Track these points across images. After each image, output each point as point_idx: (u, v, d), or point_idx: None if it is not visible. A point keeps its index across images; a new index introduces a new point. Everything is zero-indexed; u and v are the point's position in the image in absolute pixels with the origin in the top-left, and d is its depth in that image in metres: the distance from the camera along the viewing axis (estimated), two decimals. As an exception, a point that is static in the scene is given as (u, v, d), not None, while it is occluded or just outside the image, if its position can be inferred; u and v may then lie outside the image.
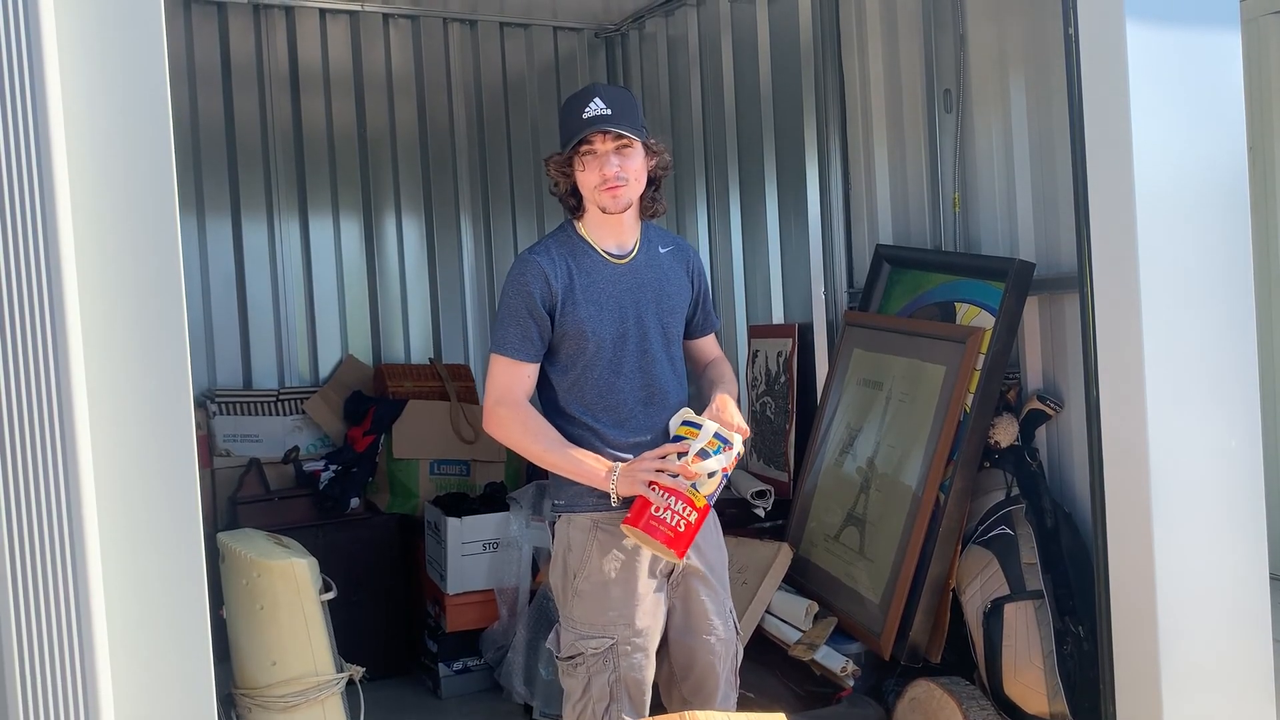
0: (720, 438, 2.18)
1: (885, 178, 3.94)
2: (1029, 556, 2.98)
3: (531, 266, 2.29)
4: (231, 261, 4.81)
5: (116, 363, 1.79)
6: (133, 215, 1.82)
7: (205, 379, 4.66)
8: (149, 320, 1.83)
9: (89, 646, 1.71)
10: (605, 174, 2.24)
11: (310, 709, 2.55)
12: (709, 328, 2.55)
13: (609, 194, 2.26)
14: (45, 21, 1.70)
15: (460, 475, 4.47)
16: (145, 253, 1.83)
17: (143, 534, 1.80)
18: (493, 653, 3.92)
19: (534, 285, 2.26)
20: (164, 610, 1.81)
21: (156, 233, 1.84)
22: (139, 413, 1.81)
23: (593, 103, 2.23)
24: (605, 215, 2.31)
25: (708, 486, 2.18)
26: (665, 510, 2.15)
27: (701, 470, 2.16)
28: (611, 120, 2.22)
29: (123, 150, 1.81)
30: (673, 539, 2.16)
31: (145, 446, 1.81)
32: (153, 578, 1.81)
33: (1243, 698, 2.74)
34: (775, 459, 4.18)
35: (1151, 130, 2.63)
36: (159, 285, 1.84)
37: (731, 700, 2.42)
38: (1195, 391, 2.70)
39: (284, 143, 4.90)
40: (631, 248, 2.37)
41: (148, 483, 1.81)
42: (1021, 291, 3.15)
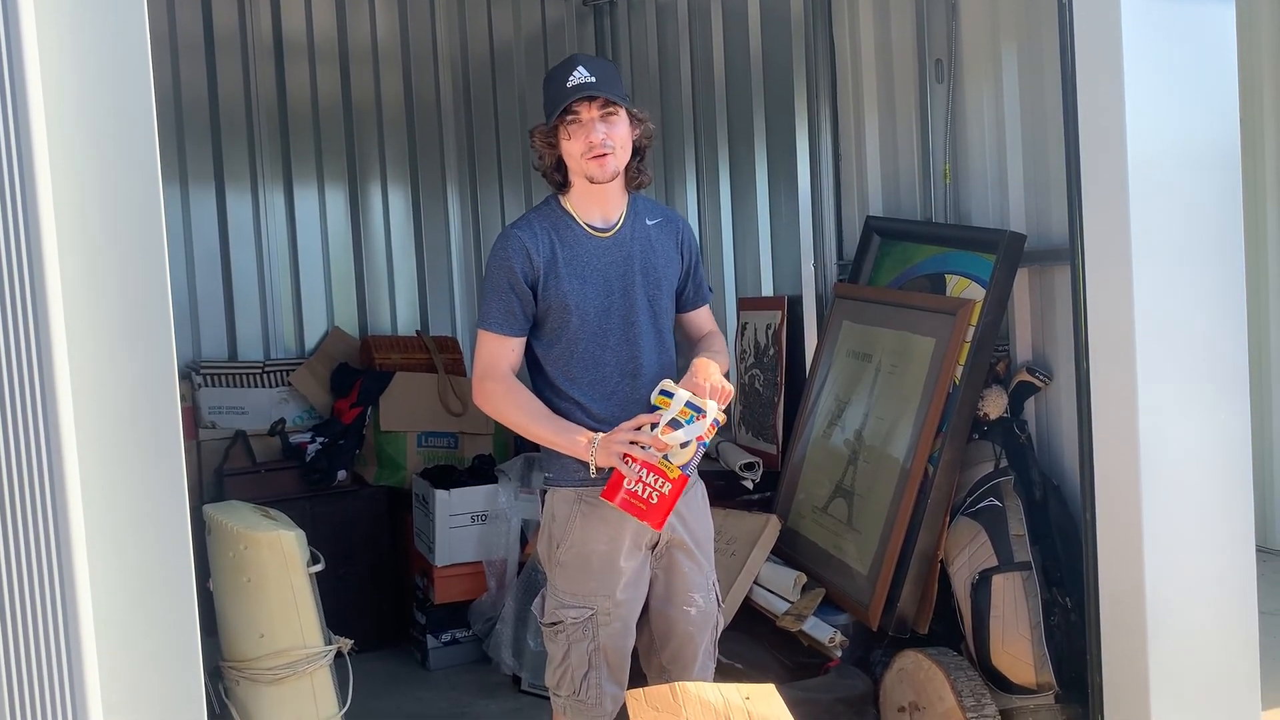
0: (693, 407, 2.16)
1: (876, 149, 3.92)
2: (1017, 528, 2.99)
3: (513, 241, 2.28)
4: (216, 233, 4.76)
5: (99, 334, 1.77)
6: (115, 186, 1.79)
7: (190, 350, 4.63)
8: (132, 291, 1.80)
9: (74, 620, 1.70)
10: (591, 141, 2.23)
11: (298, 681, 2.55)
12: (701, 300, 2.53)
13: (596, 162, 2.24)
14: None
15: (448, 448, 4.46)
16: (128, 224, 1.81)
17: (128, 507, 1.79)
18: (481, 624, 3.93)
19: (515, 259, 2.26)
20: (150, 583, 1.80)
21: (139, 203, 1.81)
22: (123, 384, 1.79)
23: (576, 71, 2.22)
24: (591, 187, 2.29)
25: (680, 457, 2.16)
26: (637, 483, 2.16)
27: (671, 441, 2.14)
28: (596, 87, 2.21)
29: (104, 120, 1.78)
30: (645, 511, 2.17)
31: (129, 418, 1.79)
32: (138, 551, 1.80)
33: (1229, 669, 2.76)
34: (764, 431, 4.18)
35: (1145, 102, 2.61)
36: (142, 256, 1.82)
37: (709, 671, 2.44)
38: (1185, 364, 2.70)
39: (268, 113, 4.84)
40: (617, 220, 2.35)
41: (132, 455, 1.79)
42: (1012, 263, 3.14)
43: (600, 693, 2.29)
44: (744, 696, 2.03)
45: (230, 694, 2.61)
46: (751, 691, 2.04)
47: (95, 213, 1.77)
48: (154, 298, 1.81)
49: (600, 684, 2.29)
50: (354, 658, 2.75)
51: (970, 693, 2.84)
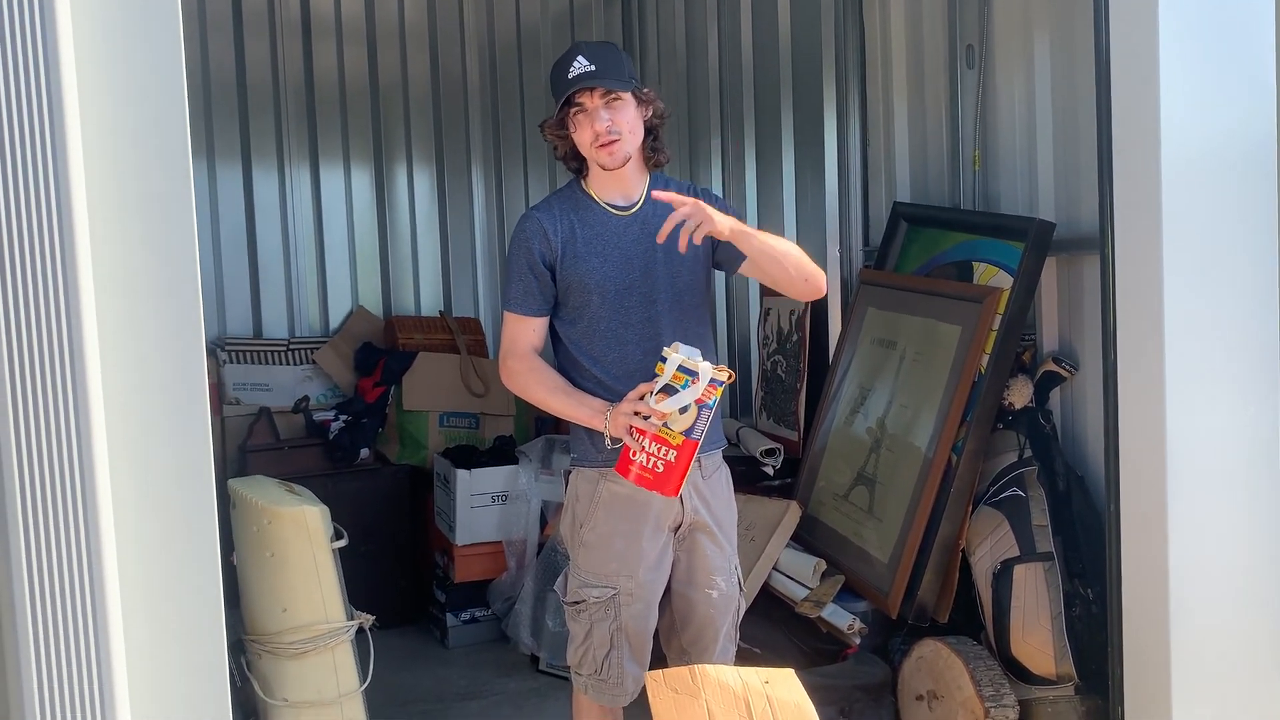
0: (686, 371, 2.13)
1: (904, 135, 3.89)
2: (1040, 519, 2.97)
3: (531, 223, 2.31)
4: (242, 210, 4.79)
5: (128, 308, 1.78)
6: (145, 160, 1.79)
7: (216, 327, 4.66)
8: (161, 267, 1.81)
9: (100, 592, 1.71)
10: (597, 129, 2.24)
11: (320, 656, 2.56)
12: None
13: (604, 151, 2.25)
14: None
15: (469, 428, 4.48)
16: (157, 198, 1.81)
17: (154, 480, 1.80)
18: (500, 604, 3.95)
19: (533, 241, 2.29)
20: (175, 557, 1.82)
21: (169, 179, 1.82)
22: (151, 359, 1.80)
23: (576, 61, 2.23)
24: (607, 171, 2.30)
25: (681, 423, 2.13)
26: (640, 453, 2.15)
27: (667, 409, 2.12)
28: (595, 76, 2.21)
29: (135, 95, 1.78)
30: (654, 481, 2.16)
31: (157, 392, 1.80)
32: (164, 524, 1.81)
33: (1252, 663, 2.73)
34: (785, 418, 4.16)
35: (1180, 91, 2.57)
36: (171, 231, 1.82)
37: (730, 654, 2.45)
38: (1215, 357, 2.66)
39: (295, 91, 4.86)
40: (638, 199, 2.35)
41: (159, 428, 1.80)
42: (1041, 251, 3.11)
43: (621, 672, 2.30)
44: (763, 680, 2.03)
45: (252, 667, 2.64)
46: (771, 676, 2.04)
47: (126, 188, 1.77)
48: (183, 273, 1.82)
49: (622, 663, 2.30)
50: (374, 633, 2.77)
51: (989, 682, 2.83)
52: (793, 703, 1.99)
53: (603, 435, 2.25)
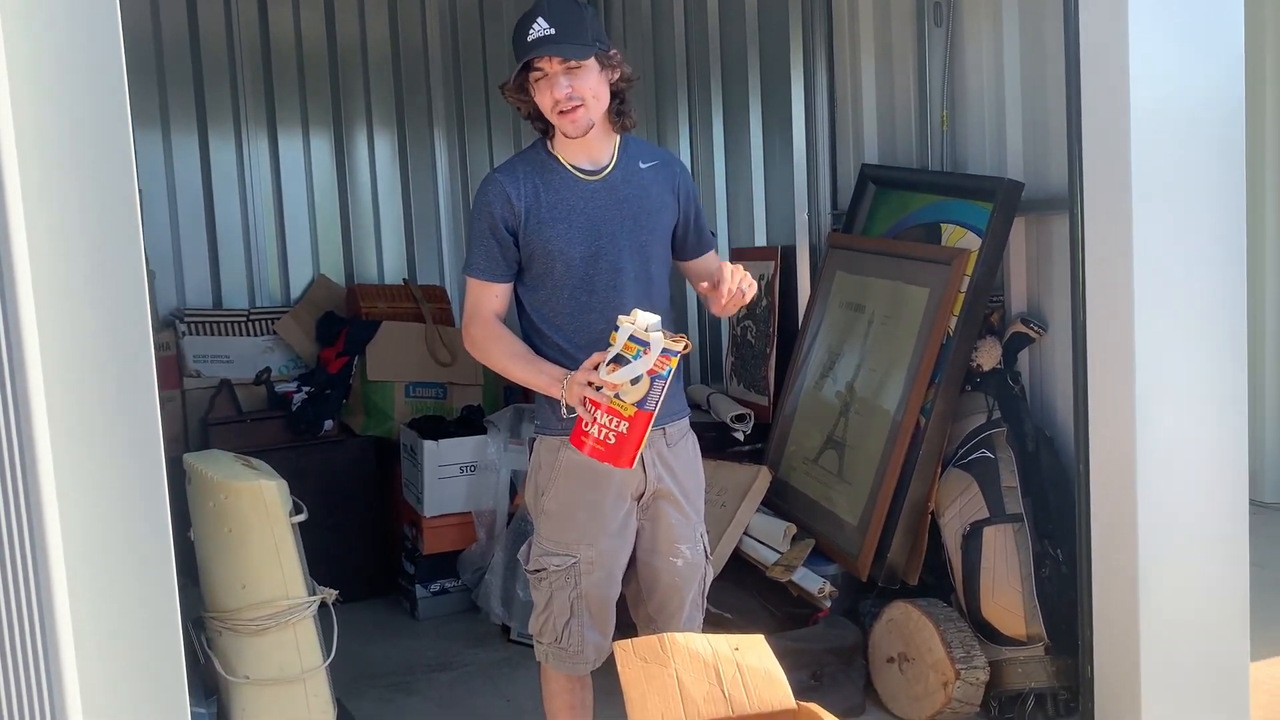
0: (636, 340, 2.07)
1: (872, 95, 3.85)
2: (1009, 480, 2.97)
3: (493, 186, 2.24)
4: (199, 179, 4.69)
5: (67, 278, 1.71)
6: (82, 126, 1.71)
7: (174, 298, 4.57)
8: (102, 231, 1.73)
9: (45, 571, 1.65)
10: (556, 96, 2.16)
11: (281, 632, 2.52)
12: (705, 247, 2.46)
13: (566, 119, 2.18)
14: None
15: (436, 398, 4.42)
16: (96, 163, 1.73)
17: (100, 455, 1.74)
18: (470, 574, 3.92)
19: (495, 205, 2.22)
20: (125, 533, 1.76)
21: (108, 144, 1.73)
22: (93, 330, 1.73)
23: (536, 23, 2.14)
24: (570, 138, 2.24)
25: (633, 394, 2.07)
26: (593, 425, 2.10)
27: (618, 380, 2.06)
28: (554, 40, 2.13)
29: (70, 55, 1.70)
30: (605, 453, 2.10)
31: (101, 364, 1.73)
32: (113, 500, 1.75)
33: (1219, 622, 2.75)
34: (755, 383, 4.14)
35: (1149, 51, 2.55)
36: (112, 195, 1.74)
37: (696, 622, 2.42)
38: (1183, 317, 2.66)
39: (251, 57, 4.74)
40: (607, 163, 2.28)
41: (105, 401, 1.74)
42: (1009, 212, 3.08)
43: (582, 640, 2.28)
44: (733, 647, 2.00)
45: (213, 645, 2.59)
46: (740, 642, 2.02)
47: (62, 154, 1.70)
48: (125, 239, 1.75)
49: (582, 632, 2.28)
50: (342, 608, 2.73)
51: (960, 644, 2.84)
52: (763, 669, 1.97)
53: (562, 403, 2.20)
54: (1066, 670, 2.87)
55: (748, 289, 2.19)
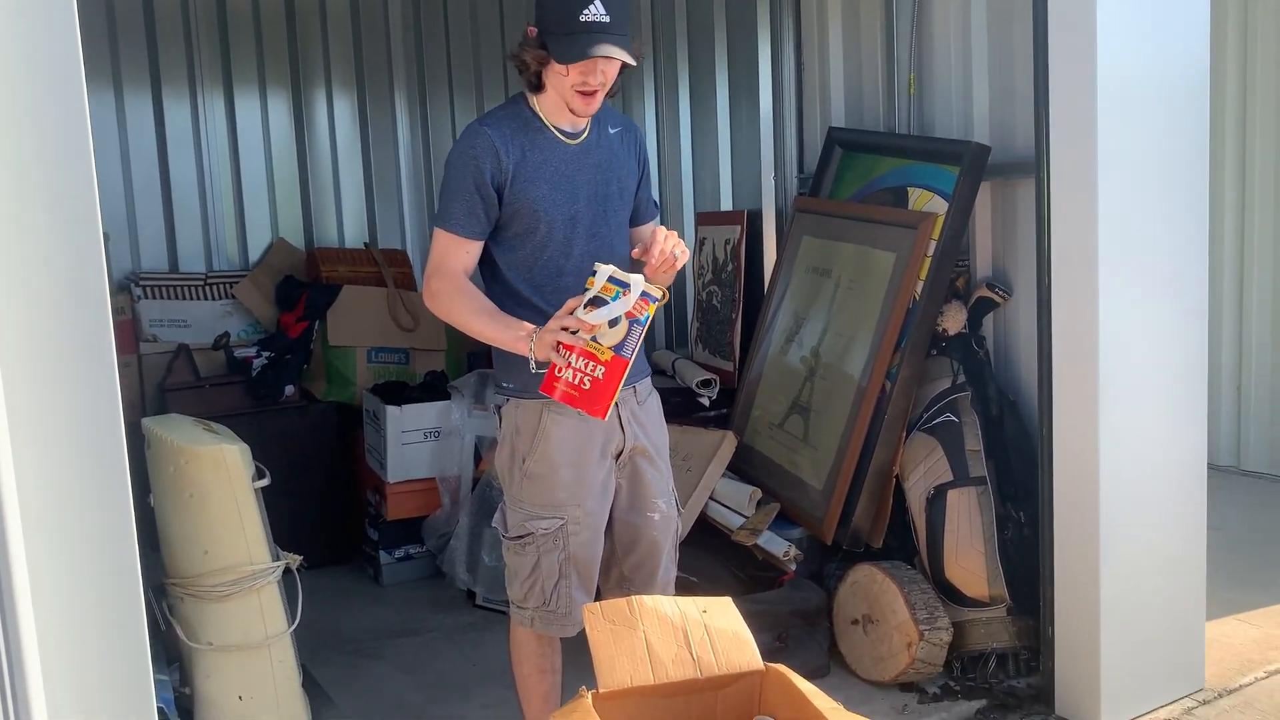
0: (617, 282, 2.03)
1: (839, 59, 3.82)
2: (973, 444, 2.99)
3: (481, 139, 2.16)
4: (153, 140, 4.58)
5: (22, 243, 1.65)
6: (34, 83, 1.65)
7: (129, 261, 4.47)
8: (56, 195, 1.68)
9: (1, 536, 1.61)
10: (590, 82, 2.11)
11: (245, 598, 2.49)
12: (650, 214, 2.46)
13: (583, 100, 2.14)
14: None
15: (399, 363, 4.37)
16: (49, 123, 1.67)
17: (57, 420, 1.70)
18: (435, 540, 3.90)
19: (484, 159, 2.15)
20: (83, 499, 1.72)
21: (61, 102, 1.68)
22: (48, 292, 1.68)
23: (593, 5, 2.04)
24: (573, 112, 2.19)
25: (610, 337, 2.03)
26: (567, 369, 2.04)
27: (595, 321, 2.02)
28: (610, 34, 2.05)
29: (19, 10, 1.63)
30: (580, 398, 2.05)
31: (56, 328, 1.69)
32: (70, 465, 1.71)
33: (1177, 582, 2.80)
34: (721, 348, 4.14)
35: (1116, 16, 2.55)
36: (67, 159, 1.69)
37: (671, 575, 2.44)
38: (1146, 283, 2.68)
39: (206, 14, 4.62)
40: (584, 127, 2.26)
41: (61, 365, 1.69)
42: (976, 176, 3.08)
43: (571, 601, 2.27)
44: (701, 609, 2.00)
45: (175, 611, 2.55)
46: (708, 604, 2.02)
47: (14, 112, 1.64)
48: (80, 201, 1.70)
49: (570, 593, 2.27)
50: (306, 574, 2.70)
51: (923, 605, 2.87)
52: (730, 631, 1.97)
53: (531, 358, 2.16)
54: (1028, 630, 2.91)
55: (680, 254, 2.15)
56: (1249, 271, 4.74)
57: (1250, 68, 4.64)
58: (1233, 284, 4.79)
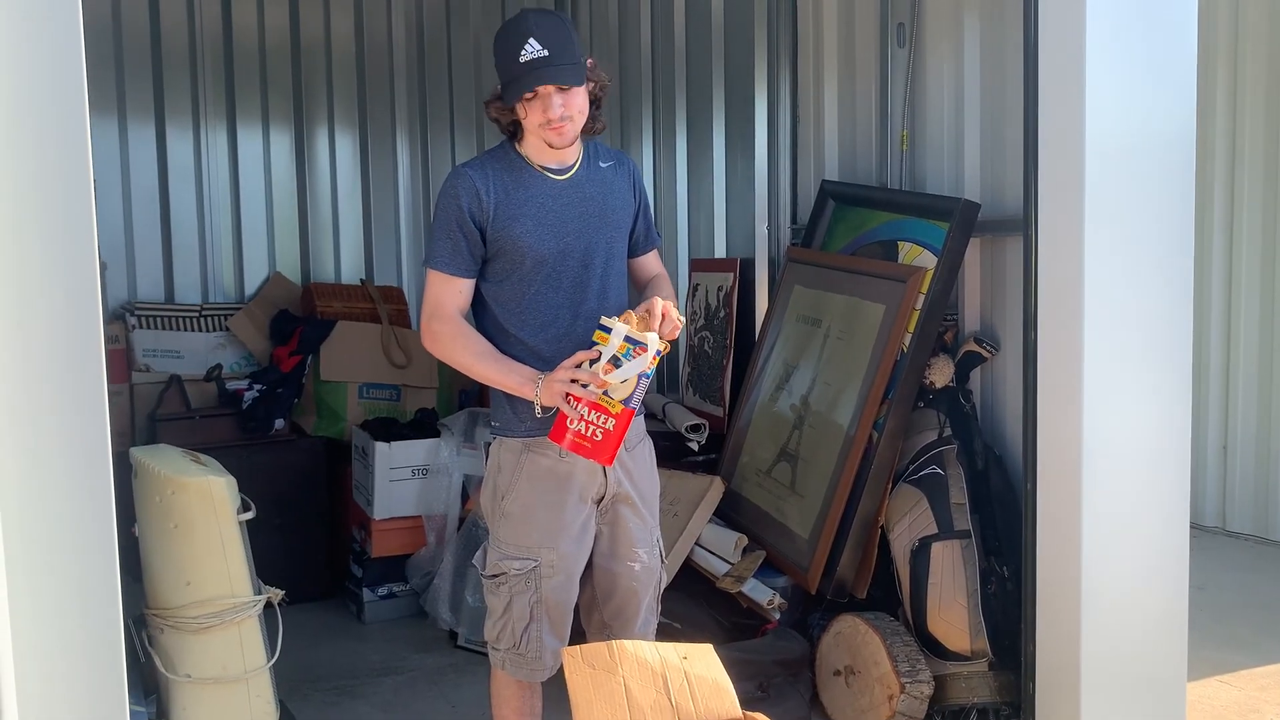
0: (631, 340, 2.12)
1: (834, 113, 3.89)
2: (958, 497, 3.01)
3: (463, 180, 2.22)
4: (155, 171, 4.62)
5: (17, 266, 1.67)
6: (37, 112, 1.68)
7: (125, 291, 4.50)
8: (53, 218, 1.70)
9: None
10: (550, 116, 2.16)
11: (225, 631, 2.47)
12: (651, 243, 2.50)
13: (554, 132, 2.19)
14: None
15: (390, 400, 4.38)
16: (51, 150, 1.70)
17: (45, 445, 1.70)
18: (419, 579, 3.88)
19: (464, 199, 2.21)
20: (67, 525, 1.72)
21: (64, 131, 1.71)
22: (42, 319, 1.70)
23: (528, 45, 2.12)
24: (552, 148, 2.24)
25: (621, 392, 2.12)
26: (579, 421, 2.12)
27: (612, 380, 2.11)
28: (550, 63, 2.12)
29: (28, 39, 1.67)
30: (592, 450, 2.14)
31: (49, 355, 1.70)
32: (56, 491, 1.71)
33: (1159, 641, 2.80)
34: (711, 394, 4.15)
35: (1106, 77, 2.60)
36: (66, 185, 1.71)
37: (651, 626, 2.43)
38: (1132, 341, 2.71)
39: (213, 49, 4.69)
40: (572, 164, 2.30)
41: (51, 391, 1.71)
42: (965, 232, 3.13)
43: (541, 646, 2.27)
44: (681, 656, 2.00)
45: (155, 642, 2.54)
46: (689, 651, 2.02)
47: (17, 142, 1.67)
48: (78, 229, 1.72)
49: (541, 637, 2.27)
50: (288, 609, 2.69)
51: (905, 658, 2.86)
52: (710, 678, 1.97)
53: (528, 405, 2.20)
54: (1009, 686, 2.90)
55: (680, 322, 2.23)
56: (1235, 331, 4.79)
57: (1239, 126, 4.71)
58: (1219, 343, 4.83)
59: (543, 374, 2.18)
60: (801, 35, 4.01)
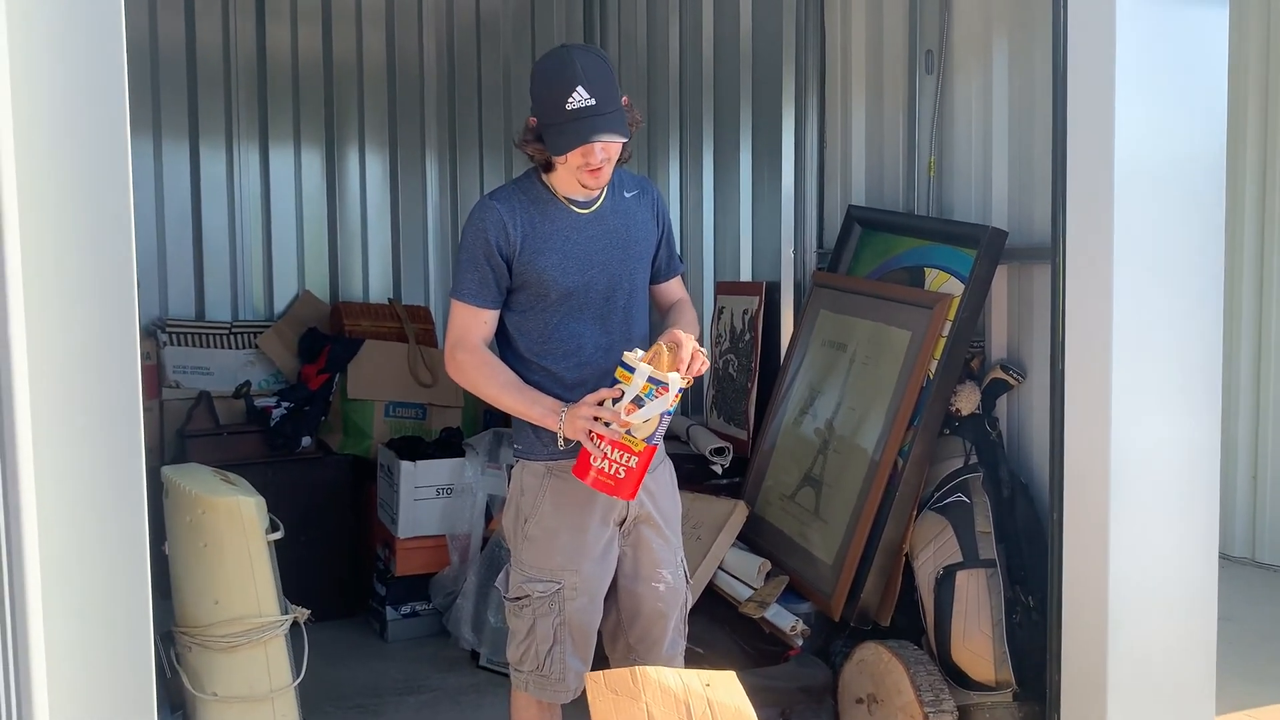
0: (654, 380, 2.12)
1: (861, 138, 3.89)
2: (984, 525, 2.99)
3: (490, 213, 2.24)
4: (188, 188, 4.69)
5: (57, 284, 1.71)
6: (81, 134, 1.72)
7: (156, 307, 4.55)
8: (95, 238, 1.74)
9: (20, 574, 1.64)
10: (590, 162, 2.17)
11: (252, 650, 2.50)
12: (674, 270, 2.51)
13: (591, 175, 2.21)
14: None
15: (416, 419, 4.41)
16: (92, 170, 1.74)
17: (81, 463, 1.73)
18: (442, 598, 3.90)
19: (491, 232, 2.22)
20: (101, 542, 1.75)
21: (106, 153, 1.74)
22: (81, 339, 1.73)
23: (576, 93, 2.10)
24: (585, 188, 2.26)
25: (644, 430, 2.14)
26: (603, 460, 2.14)
27: (635, 420, 2.12)
28: (599, 116, 2.11)
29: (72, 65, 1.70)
30: (615, 487, 2.16)
31: (87, 374, 1.73)
32: (91, 509, 1.74)
33: (1186, 673, 2.77)
34: (735, 416, 4.16)
35: (1135, 105, 2.59)
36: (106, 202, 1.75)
37: (679, 648, 2.43)
38: (1160, 369, 2.69)
39: (246, 69, 4.76)
40: (598, 196, 2.31)
41: (88, 409, 1.73)
42: (993, 259, 3.12)
43: (564, 668, 2.27)
44: (704, 683, 2.01)
45: (182, 660, 2.57)
46: (712, 678, 2.02)
47: (59, 161, 1.70)
48: (118, 250, 1.75)
49: (564, 659, 2.27)
50: (311, 626, 2.71)
51: (929, 687, 2.84)
52: (733, 706, 1.97)
53: (551, 431, 2.21)
54: (1033, 717, 2.88)
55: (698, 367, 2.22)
56: (1266, 359, 4.74)
57: (1271, 149, 4.67)
58: (1249, 371, 4.78)
59: (566, 405, 2.20)
60: (829, 60, 4.02)
